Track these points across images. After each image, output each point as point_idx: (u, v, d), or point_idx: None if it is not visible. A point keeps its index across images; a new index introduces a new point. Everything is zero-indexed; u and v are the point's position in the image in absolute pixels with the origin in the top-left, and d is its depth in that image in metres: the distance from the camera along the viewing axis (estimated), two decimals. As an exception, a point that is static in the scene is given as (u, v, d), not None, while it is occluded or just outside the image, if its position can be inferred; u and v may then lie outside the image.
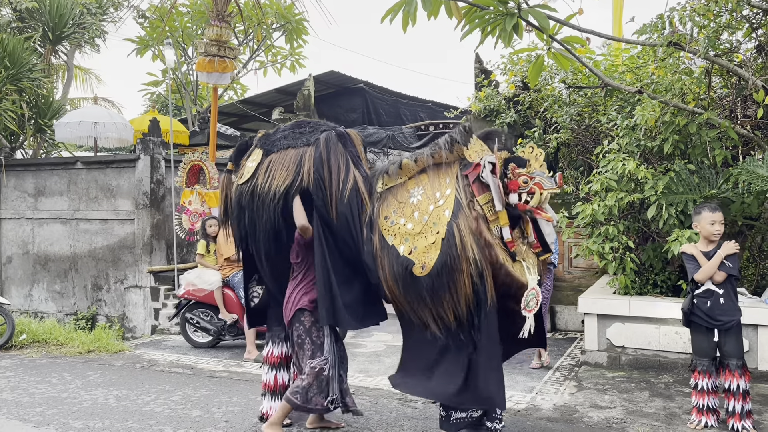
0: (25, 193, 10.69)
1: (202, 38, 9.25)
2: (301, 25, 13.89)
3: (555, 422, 4.80)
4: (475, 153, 4.03)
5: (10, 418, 5.16)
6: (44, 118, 12.04)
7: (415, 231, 3.96)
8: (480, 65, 9.28)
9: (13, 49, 10.84)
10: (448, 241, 3.81)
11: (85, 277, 10.16)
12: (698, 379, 4.49)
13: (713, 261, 4.32)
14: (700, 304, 4.40)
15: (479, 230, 3.81)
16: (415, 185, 4.11)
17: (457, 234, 3.79)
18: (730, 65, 5.83)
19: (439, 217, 3.91)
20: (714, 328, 4.37)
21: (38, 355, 7.55)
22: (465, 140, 4.03)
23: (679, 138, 6.08)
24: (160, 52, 13.78)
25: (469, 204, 3.88)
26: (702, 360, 4.46)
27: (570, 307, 8.09)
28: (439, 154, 4.05)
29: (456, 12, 3.61)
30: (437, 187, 4.01)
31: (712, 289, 4.36)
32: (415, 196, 4.06)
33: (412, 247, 3.94)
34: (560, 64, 4.12)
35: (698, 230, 4.48)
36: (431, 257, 3.85)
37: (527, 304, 3.94)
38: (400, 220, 4.03)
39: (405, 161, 4.15)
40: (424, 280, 3.86)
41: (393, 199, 4.14)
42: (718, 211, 4.39)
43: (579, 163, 8.37)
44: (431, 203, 3.98)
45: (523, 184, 3.90)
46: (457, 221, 3.83)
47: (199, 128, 13.46)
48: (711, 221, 4.36)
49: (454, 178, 3.97)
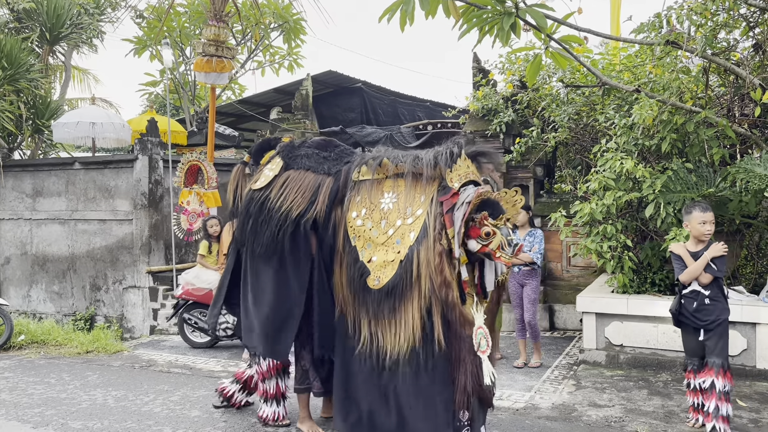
0: (23, 194, 10.68)
1: (200, 38, 9.25)
2: (299, 25, 13.90)
3: (554, 421, 4.80)
4: (457, 177, 3.82)
5: (9, 419, 5.16)
6: (42, 118, 12.03)
7: (379, 241, 3.87)
8: (478, 64, 9.28)
9: (10, 50, 10.83)
10: (405, 266, 3.70)
11: (83, 278, 10.15)
12: (690, 378, 4.47)
13: (699, 262, 4.25)
14: (687, 304, 4.36)
15: (441, 267, 3.62)
16: (390, 189, 3.99)
17: (416, 262, 3.68)
18: (728, 64, 5.84)
19: (403, 235, 3.79)
20: (700, 327, 4.32)
21: (37, 356, 7.54)
22: (449, 163, 3.83)
23: (676, 137, 6.08)
24: (158, 52, 13.78)
25: (437, 236, 3.68)
26: (692, 359, 4.44)
27: (568, 305, 8.09)
28: (420, 169, 3.90)
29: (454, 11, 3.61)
30: (410, 202, 3.87)
31: (697, 290, 4.30)
32: (387, 203, 3.95)
33: (372, 256, 3.87)
34: (558, 63, 4.12)
35: (688, 230, 4.40)
36: (387, 274, 3.76)
37: (479, 344, 3.73)
38: (367, 224, 3.96)
39: (385, 160, 4.04)
40: (375, 293, 3.79)
41: (366, 197, 4.04)
42: (709, 211, 4.31)
43: (577, 162, 8.38)
44: (400, 217, 3.86)
45: (484, 235, 3.66)
46: (419, 249, 3.69)
47: (197, 128, 13.45)
48: (702, 221, 4.27)
49: (429, 200, 3.80)
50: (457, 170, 3.83)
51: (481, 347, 3.73)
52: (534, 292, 6.23)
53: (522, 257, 6.15)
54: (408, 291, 3.68)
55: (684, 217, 4.45)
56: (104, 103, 15.99)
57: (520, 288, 6.28)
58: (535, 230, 6.31)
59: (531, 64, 4.12)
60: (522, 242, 6.25)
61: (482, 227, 3.67)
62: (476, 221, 3.70)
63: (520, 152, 8.26)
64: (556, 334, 8.07)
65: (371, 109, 13.10)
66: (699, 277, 4.26)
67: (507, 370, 6.28)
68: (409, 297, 3.67)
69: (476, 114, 8.84)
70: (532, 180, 8.62)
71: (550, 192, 8.79)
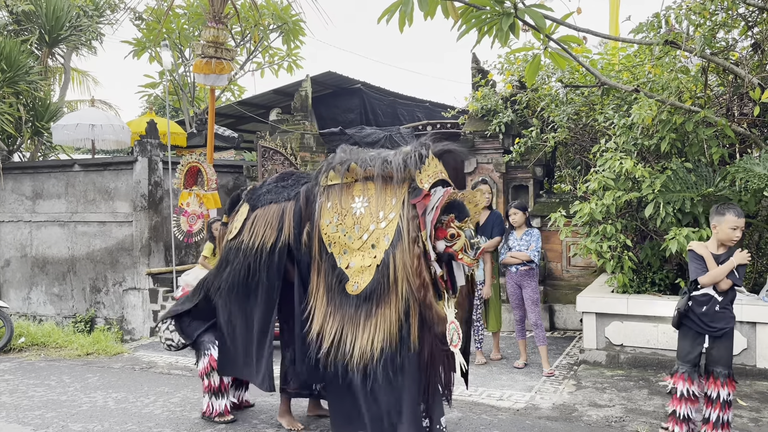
0: (22, 196, 10.68)
1: (199, 40, 9.25)
2: (298, 26, 13.90)
3: (554, 421, 4.81)
4: (427, 177, 3.86)
5: (9, 422, 5.16)
6: (41, 120, 12.03)
7: (354, 246, 3.91)
8: (477, 65, 9.28)
9: (9, 52, 10.83)
10: (382, 271, 3.76)
11: (83, 280, 10.15)
12: (679, 384, 4.20)
13: (724, 267, 4.01)
14: (695, 306, 4.12)
15: (419, 269, 3.69)
16: (360, 193, 4.01)
17: (392, 266, 3.73)
18: (727, 63, 5.85)
19: (378, 240, 3.83)
20: (705, 333, 4.10)
21: (37, 358, 7.54)
22: (417, 165, 3.85)
23: (676, 136, 6.08)
24: (157, 54, 13.77)
25: (414, 239, 3.73)
26: (685, 365, 4.19)
27: (568, 305, 8.09)
28: (390, 172, 3.90)
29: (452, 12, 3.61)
30: (382, 205, 3.89)
31: (711, 294, 4.07)
32: (359, 208, 3.97)
33: (349, 261, 3.91)
34: (557, 64, 4.12)
35: (716, 231, 4.11)
36: (365, 279, 3.82)
37: (451, 339, 3.81)
38: (341, 230, 3.99)
39: (353, 165, 4.03)
40: (353, 299, 3.84)
41: (337, 202, 4.06)
42: (743, 217, 4.07)
43: (576, 162, 8.38)
44: (373, 221, 3.89)
45: (449, 237, 3.79)
46: (394, 252, 3.74)
47: (197, 130, 13.45)
48: (734, 226, 4.01)
49: (401, 203, 3.83)
50: (426, 170, 3.88)
51: (453, 341, 3.82)
52: (534, 292, 6.23)
53: (519, 255, 6.15)
54: (385, 295, 3.75)
55: (713, 218, 4.15)
56: (104, 105, 16.00)
57: (519, 289, 6.28)
58: (532, 230, 6.31)
59: (530, 65, 4.12)
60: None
61: (448, 229, 3.79)
62: (443, 223, 3.81)
63: (519, 152, 8.26)
64: (557, 334, 8.07)
65: (370, 109, 13.09)
66: (719, 283, 4.05)
67: (507, 370, 6.28)
68: (387, 301, 3.74)
69: (475, 114, 8.84)
70: (531, 180, 8.63)
71: (549, 192, 8.79)
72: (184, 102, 14.60)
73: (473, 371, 6.21)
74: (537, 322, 6.19)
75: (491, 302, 6.55)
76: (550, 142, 7.96)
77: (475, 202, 3.96)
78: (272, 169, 9.84)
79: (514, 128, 8.61)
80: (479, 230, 6.50)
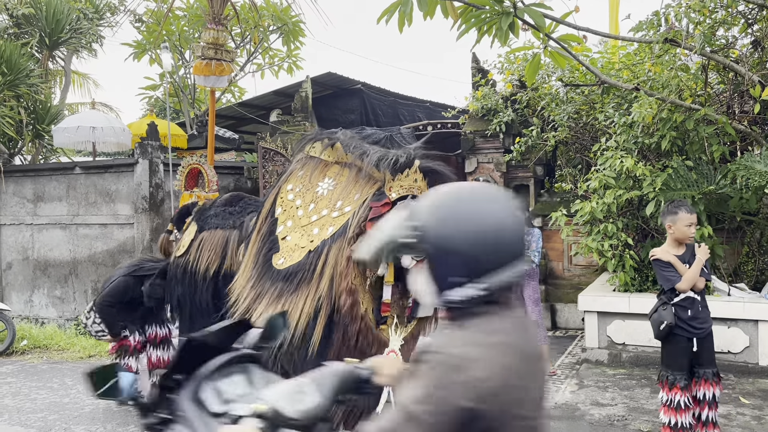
0: (24, 199, 10.69)
1: (199, 42, 9.25)
2: (298, 27, 13.89)
3: (557, 420, 4.80)
4: (398, 187, 3.53)
5: (12, 424, 5.16)
6: (42, 123, 12.03)
7: (300, 223, 3.71)
8: (477, 65, 9.28)
9: (10, 55, 10.84)
10: (312, 258, 3.50)
11: (85, 282, 10.16)
12: (673, 395, 4.01)
13: (695, 267, 3.96)
14: (680, 313, 3.99)
15: (346, 272, 3.37)
16: (333, 175, 3.79)
17: (322, 259, 3.46)
18: (727, 61, 5.84)
19: (323, 227, 3.60)
20: (694, 336, 3.98)
21: (39, 361, 7.55)
22: (392, 170, 3.52)
23: (676, 134, 6.08)
24: (157, 56, 13.77)
25: (352, 239, 3.40)
26: (679, 374, 4.00)
27: (570, 305, 8.09)
28: (364, 164, 3.67)
29: (452, 12, 3.61)
30: (344, 196, 3.65)
31: (691, 296, 3.98)
32: (323, 189, 3.77)
33: (288, 234, 3.70)
34: (557, 63, 4.12)
35: (671, 231, 4.04)
36: (293, 258, 3.60)
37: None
38: (297, 201, 3.83)
39: (338, 144, 3.83)
40: (275, 273, 3.64)
41: (308, 174, 3.88)
42: (694, 212, 4.06)
43: (577, 160, 8.38)
44: (327, 207, 3.66)
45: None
46: (331, 246, 3.46)
47: (198, 131, 13.45)
48: (689, 223, 3.97)
49: (362, 201, 3.53)
50: (400, 180, 3.57)
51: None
52: (535, 292, 6.21)
53: None
54: (305, 283, 3.48)
55: (666, 218, 4.08)
56: (104, 108, 16.00)
57: (520, 288, 6.27)
58: (532, 230, 6.29)
59: (530, 64, 4.12)
60: None
61: None
62: None
63: (520, 152, 8.26)
64: (558, 333, 8.07)
65: (371, 110, 13.09)
66: (696, 283, 3.97)
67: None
68: (304, 291, 3.46)
69: (476, 114, 8.84)
70: (532, 179, 8.62)
71: (550, 191, 8.79)
72: (185, 104, 14.61)
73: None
74: (538, 322, 6.18)
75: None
76: (550, 141, 7.96)
77: None
78: (273, 170, 9.85)
79: (515, 127, 8.61)
80: None
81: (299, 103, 10.41)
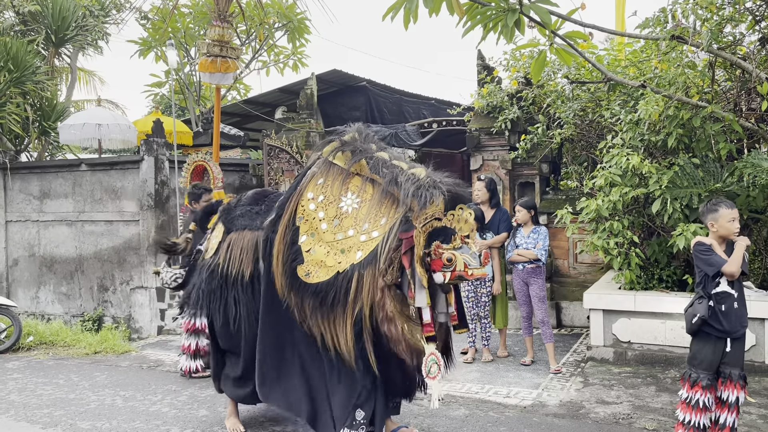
0: (30, 196, 10.73)
1: (205, 39, 9.26)
2: (303, 24, 13.89)
3: (561, 418, 4.79)
4: (424, 218, 3.65)
5: (18, 420, 5.18)
6: (48, 120, 12.08)
7: (325, 238, 3.78)
8: (482, 62, 9.25)
9: (16, 53, 10.88)
10: (342, 282, 3.65)
11: (91, 279, 10.20)
12: (691, 392, 3.91)
13: (738, 252, 3.78)
14: (716, 308, 3.83)
15: (383, 302, 3.56)
16: (356, 190, 3.85)
17: (355, 285, 3.61)
18: (734, 58, 5.81)
19: (350, 249, 3.69)
20: (726, 337, 3.82)
21: (45, 357, 7.58)
22: (424, 204, 3.63)
23: (683, 132, 6.05)
24: (163, 53, 13.80)
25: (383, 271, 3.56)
26: (704, 373, 3.88)
27: (575, 302, 8.07)
28: (394, 192, 3.73)
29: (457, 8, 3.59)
30: (371, 218, 3.73)
31: (728, 291, 3.81)
32: (348, 204, 3.83)
33: (312, 247, 3.78)
34: (563, 60, 4.10)
35: (714, 229, 3.90)
36: (320, 275, 3.71)
37: (429, 371, 3.60)
38: (320, 213, 3.85)
39: (363, 162, 3.89)
40: (303, 284, 3.77)
41: (329, 184, 3.91)
42: (735, 207, 3.90)
43: (583, 158, 8.35)
44: (354, 228, 3.74)
45: (447, 262, 3.53)
46: (362, 273, 3.61)
47: (203, 129, 13.48)
48: (731, 218, 3.83)
49: (389, 227, 3.66)
50: (426, 212, 3.67)
51: (431, 373, 3.62)
52: (541, 290, 6.21)
53: (526, 254, 6.13)
54: (339, 305, 3.67)
55: (707, 217, 3.94)
56: (110, 105, 16.06)
57: (525, 286, 6.26)
58: (539, 227, 6.28)
59: (535, 61, 4.10)
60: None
61: (441, 256, 3.55)
62: (431, 255, 3.58)
63: (525, 149, 8.23)
64: (564, 331, 8.05)
65: (376, 107, 13.08)
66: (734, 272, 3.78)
67: (514, 367, 6.26)
68: (341, 313, 3.68)
69: (481, 111, 8.82)
70: (537, 177, 8.60)
71: (556, 189, 8.77)
72: (190, 101, 14.62)
73: (480, 368, 6.21)
74: (544, 320, 6.18)
75: (498, 299, 6.54)
76: (556, 139, 7.94)
77: (463, 219, 3.68)
78: (278, 167, 9.86)
79: (520, 125, 8.58)
80: (486, 227, 6.49)
81: (304, 101, 10.41)
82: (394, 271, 3.59)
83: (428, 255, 3.60)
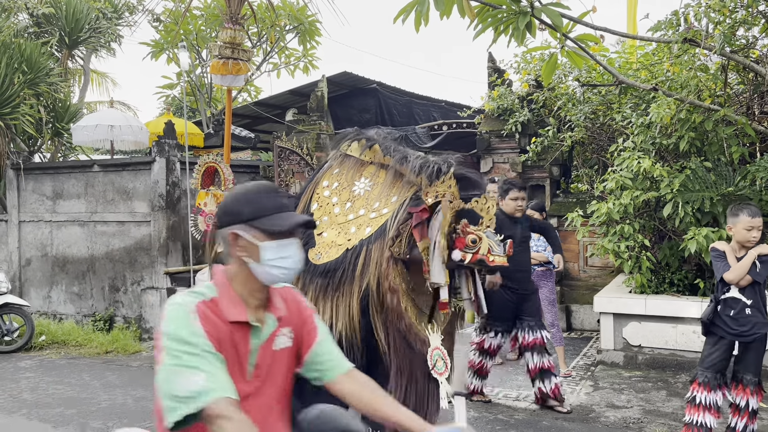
0: (43, 196, 10.82)
1: (216, 41, 9.30)
2: (314, 27, 13.92)
3: (571, 422, 4.78)
4: (434, 193, 3.59)
5: (31, 419, 5.23)
6: (61, 121, 12.18)
7: (337, 220, 3.77)
8: (493, 64, 9.25)
9: (30, 54, 10.98)
10: (350, 257, 3.58)
11: (102, 279, 10.26)
12: (697, 392, 3.98)
13: (746, 260, 3.84)
14: (724, 310, 3.90)
15: (387, 272, 3.46)
16: (370, 176, 3.86)
17: (363, 258, 3.54)
18: (747, 61, 5.77)
19: (360, 226, 3.66)
20: (735, 339, 3.88)
21: (57, 356, 7.64)
22: (432, 178, 3.59)
23: (695, 135, 6.02)
24: (175, 55, 13.88)
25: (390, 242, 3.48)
26: (707, 372, 3.96)
27: (586, 306, 8.04)
28: (404, 170, 3.70)
29: (468, 11, 3.60)
30: (383, 196, 3.71)
31: (737, 297, 3.87)
32: (360, 188, 3.82)
33: (324, 231, 3.75)
34: (574, 63, 4.10)
35: (732, 233, 3.94)
36: (330, 255, 3.65)
37: (434, 364, 3.52)
38: (333, 198, 3.86)
39: (376, 146, 3.87)
40: (312, 266, 3.68)
41: (344, 172, 3.93)
42: (758, 216, 3.87)
43: (594, 161, 8.32)
44: (365, 207, 3.72)
45: (471, 243, 3.46)
46: (370, 247, 3.55)
47: (214, 130, 13.54)
48: (749, 226, 3.83)
49: (399, 204, 3.62)
50: (436, 186, 3.61)
51: (438, 368, 3.53)
52: (551, 293, 6.19)
53: (537, 257, 6.12)
54: (347, 282, 3.57)
55: (729, 220, 4.00)
56: (122, 106, 16.17)
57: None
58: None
59: (546, 64, 4.10)
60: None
61: (467, 236, 3.47)
62: (458, 232, 3.51)
63: (536, 152, 8.22)
64: (574, 334, 8.02)
65: (386, 110, 13.09)
66: (740, 280, 3.88)
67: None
68: (348, 289, 3.56)
69: (491, 114, 8.82)
70: (548, 180, 8.58)
71: (566, 192, 8.74)
72: (201, 103, 14.70)
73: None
74: (554, 323, 6.16)
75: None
76: (567, 142, 7.92)
77: (485, 209, 3.64)
78: (288, 168, 9.89)
79: (531, 127, 8.57)
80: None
81: (315, 103, 10.44)
82: (402, 244, 3.50)
83: (454, 231, 3.53)
